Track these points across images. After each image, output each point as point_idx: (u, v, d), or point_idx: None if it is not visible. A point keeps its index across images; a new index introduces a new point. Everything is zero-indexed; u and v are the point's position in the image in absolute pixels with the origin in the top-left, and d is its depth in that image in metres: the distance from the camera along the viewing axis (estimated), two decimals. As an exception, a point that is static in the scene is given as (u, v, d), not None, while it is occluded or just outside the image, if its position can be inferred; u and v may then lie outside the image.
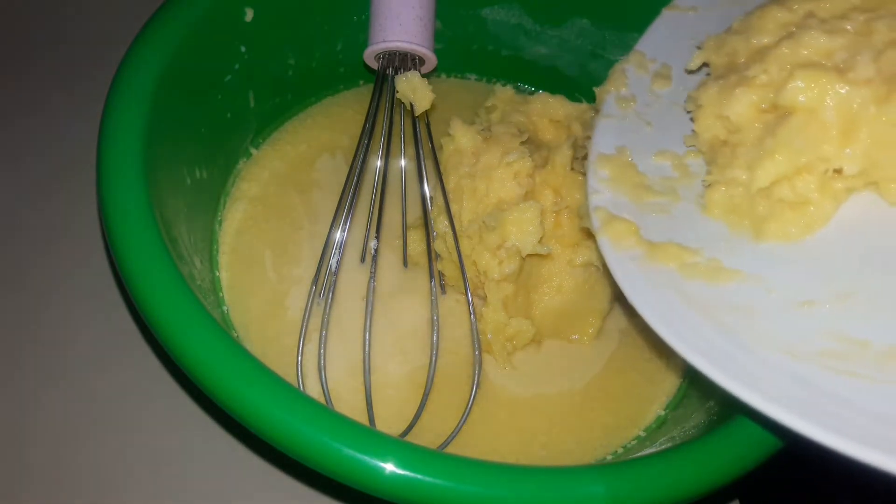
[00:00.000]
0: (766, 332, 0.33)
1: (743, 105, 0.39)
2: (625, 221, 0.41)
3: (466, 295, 0.47)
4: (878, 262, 0.34)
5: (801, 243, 0.37)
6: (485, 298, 0.49)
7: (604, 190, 0.43)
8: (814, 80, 0.35)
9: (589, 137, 0.47)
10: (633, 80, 0.48)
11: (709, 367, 0.32)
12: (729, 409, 0.40)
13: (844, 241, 0.36)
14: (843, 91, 0.35)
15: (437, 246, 0.50)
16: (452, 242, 0.48)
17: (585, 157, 0.47)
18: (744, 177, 0.38)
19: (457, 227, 0.48)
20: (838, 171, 0.36)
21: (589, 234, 0.46)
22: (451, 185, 0.50)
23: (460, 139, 0.50)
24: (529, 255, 0.46)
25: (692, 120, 0.44)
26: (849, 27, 0.37)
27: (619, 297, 0.52)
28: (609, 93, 0.49)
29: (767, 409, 0.29)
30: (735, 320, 0.34)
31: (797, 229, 0.37)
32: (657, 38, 0.48)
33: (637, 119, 0.46)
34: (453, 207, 0.49)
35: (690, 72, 0.47)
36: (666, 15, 0.50)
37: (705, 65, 0.45)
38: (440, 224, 0.49)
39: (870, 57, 0.35)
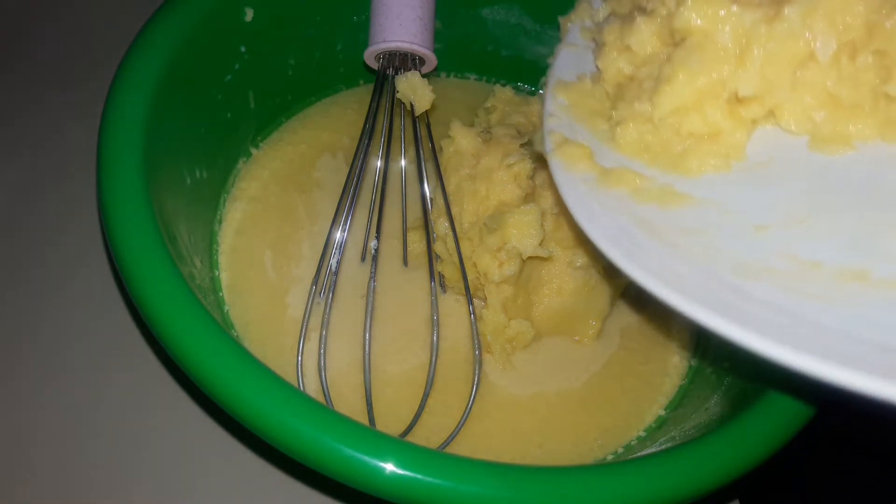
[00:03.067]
0: (717, 252, 0.33)
1: (644, 34, 0.40)
2: (579, 145, 0.40)
3: (467, 296, 0.47)
4: (834, 189, 0.35)
5: (759, 171, 0.37)
6: (485, 300, 0.49)
7: (560, 115, 0.43)
8: (706, 1, 0.36)
9: None
10: (601, 9, 0.47)
11: (655, 283, 0.31)
12: (729, 408, 0.40)
13: (804, 170, 0.36)
14: (734, 10, 0.36)
15: (438, 248, 0.50)
16: (453, 244, 0.48)
17: None
18: (650, 110, 0.39)
19: (457, 229, 0.48)
20: (740, 100, 0.37)
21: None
22: (451, 186, 0.50)
23: (460, 141, 0.50)
24: (530, 258, 0.46)
25: (595, 60, 0.44)
26: None
27: (620, 299, 0.52)
28: (573, 23, 0.49)
29: (710, 321, 0.29)
30: (686, 241, 0.34)
31: (717, 161, 0.38)
32: None
33: None
34: (453, 209, 0.49)
35: (598, 24, 0.46)
36: None
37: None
38: (440, 226, 0.49)
39: None
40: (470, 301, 0.47)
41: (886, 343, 0.28)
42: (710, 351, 0.49)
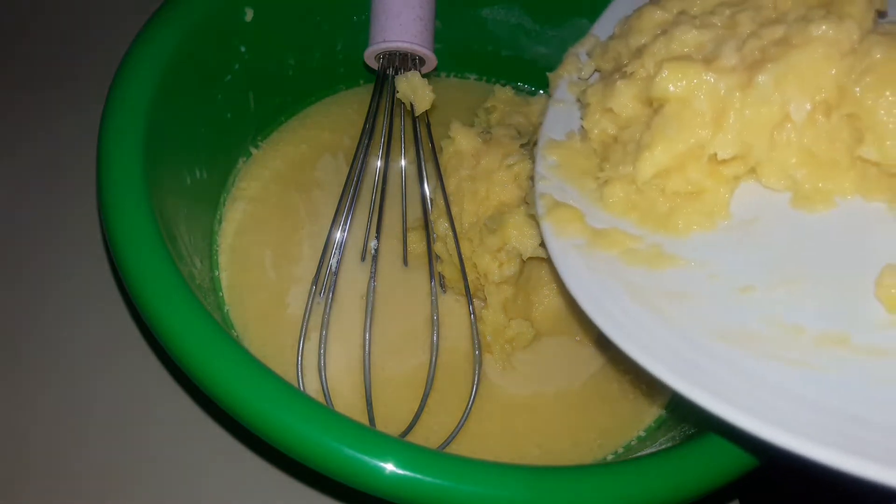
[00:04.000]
0: (702, 318, 0.34)
1: (625, 97, 0.40)
2: (570, 208, 0.40)
3: (467, 296, 0.47)
4: (817, 249, 0.35)
5: (744, 230, 0.37)
6: (485, 300, 0.49)
7: (551, 177, 0.43)
8: (681, 71, 0.37)
9: None
10: (586, 65, 0.48)
11: (642, 355, 0.32)
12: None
13: (788, 228, 0.37)
14: (709, 79, 0.37)
15: (438, 248, 0.50)
16: (453, 244, 0.48)
17: None
18: (634, 173, 0.39)
19: (457, 230, 0.48)
20: (721, 160, 0.38)
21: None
22: (451, 187, 0.50)
23: (460, 141, 0.50)
24: (530, 258, 0.46)
25: (581, 119, 0.44)
26: (716, 21, 0.39)
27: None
28: (562, 78, 0.49)
29: (695, 396, 0.30)
30: (672, 306, 0.34)
31: (702, 219, 0.38)
32: (613, 21, 0.48)
33: None
34: (453, 209, 0.49)
35: (584, 80, 0.47)
36: None
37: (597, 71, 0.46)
38: (440, 226, 0.49)
39: (733, 47, 0.37)
40: (470, 301, 0.47)
41: (861, 415, 0.28)
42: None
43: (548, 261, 0.48)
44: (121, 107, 0.41)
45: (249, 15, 0.50)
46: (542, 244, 0.46)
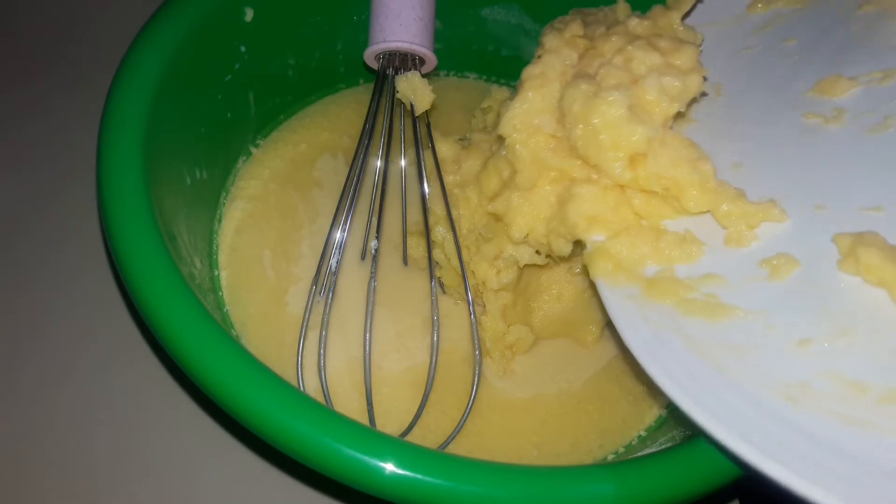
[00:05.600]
0: (762, 372, 0.32)
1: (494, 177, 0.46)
2: (613, 255, 0.39)
3: (467, 298, 0.47)
4: (876, 300, 0.33)
5: (797, 280, 0.35)
6: (484, 306, 0.49)
7: None
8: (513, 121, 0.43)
9: None
10: None
11: (708, 419, 0.31)
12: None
13: (831, 275, 0.35)
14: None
15: (436, 255, 0.50)
16: (451, 249, 0.48)
17: None
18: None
19: (456, 232, 0.48)
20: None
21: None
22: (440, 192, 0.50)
23: (439, 149, 0.50)
24: (528, 264, 0.46)
25: None
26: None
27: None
28: None
29: (761, 464, 0.29)
30: (732, 361, 0.33)
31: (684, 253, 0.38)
32: None
33: None
34: (452, 213, 0.49)
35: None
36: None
37: None
38: (438, 232, 0.49)
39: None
40: (470, 303, 0.47)
41: None
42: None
43: (547, 267, 0.48)
44: (121, 107, 0.41)
45: (249, 15, 0.50)
46: (538, 251, 0.46)
